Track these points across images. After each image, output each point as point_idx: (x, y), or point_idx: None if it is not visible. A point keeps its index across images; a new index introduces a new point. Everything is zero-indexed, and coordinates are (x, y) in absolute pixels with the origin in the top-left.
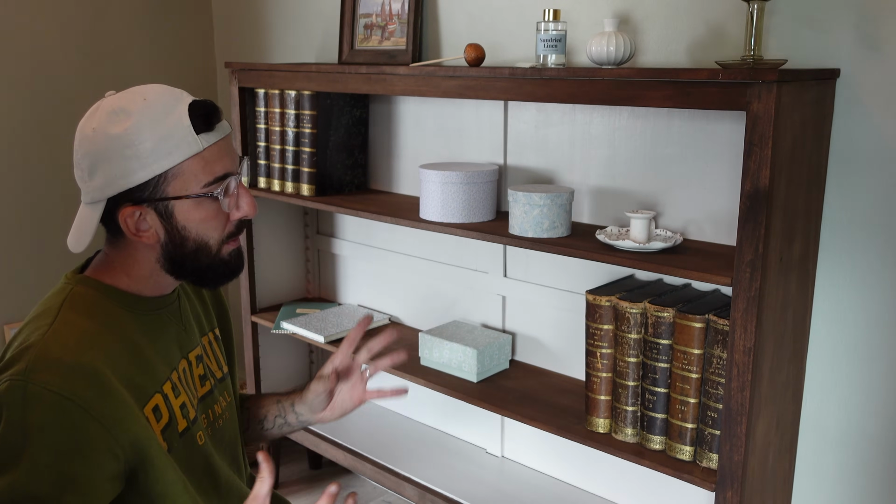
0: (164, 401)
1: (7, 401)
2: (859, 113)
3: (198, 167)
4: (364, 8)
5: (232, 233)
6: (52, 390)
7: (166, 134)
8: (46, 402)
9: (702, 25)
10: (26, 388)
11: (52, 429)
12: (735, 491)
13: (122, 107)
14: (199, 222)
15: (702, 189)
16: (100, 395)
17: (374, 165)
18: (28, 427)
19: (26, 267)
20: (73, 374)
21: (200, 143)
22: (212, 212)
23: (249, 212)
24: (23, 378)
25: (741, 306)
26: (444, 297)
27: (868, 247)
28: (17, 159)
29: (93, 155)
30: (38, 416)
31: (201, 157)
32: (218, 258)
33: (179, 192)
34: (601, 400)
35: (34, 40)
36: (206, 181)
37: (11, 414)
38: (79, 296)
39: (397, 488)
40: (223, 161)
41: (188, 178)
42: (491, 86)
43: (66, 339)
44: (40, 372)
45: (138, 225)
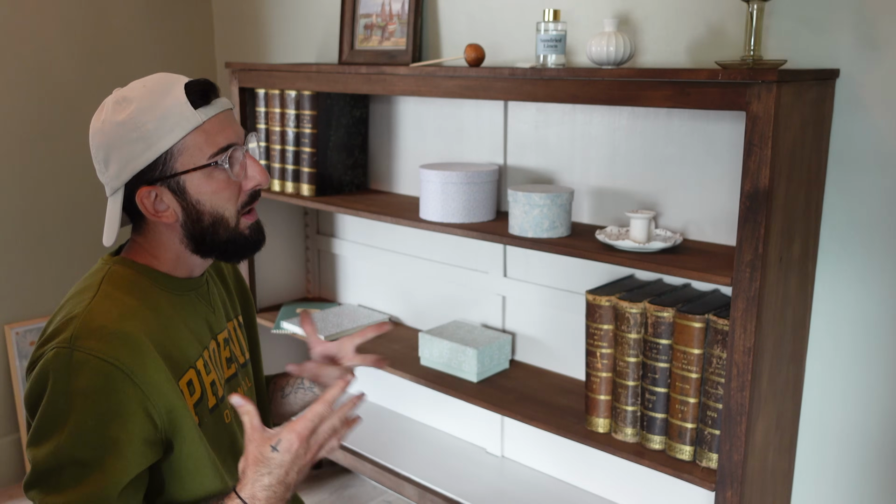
0: (198, 376)
1: (54, 367)
2: (859, 113)
3: (201, 140)
4: (364, 8)
5: (245, 202)
6: (96, 356)
7: (166, 112)
8: (91, 367)
9: (702, 25)
10: (72, 355)
11: (95, 394)
12: (735, 491)
13: (125, 96)
14: (212, 194)
15: (702, 189)
16: (141, 363)
17: (374, 165)
18: (73, 393)
19: (26, 267)
20: (116, 341)
21: (199, 117)
22: (222, 182)
23: (262, 180)
24: (69, 346)
25: (741, 306)
26: (444, 297)
27: (868, 247)
28: (17, 159)
29: (105, 146)
30: (83, 381)
31: (203, 131)
32: (237, 232)
33: (187, 165)
34: (601, 400)
35: (35, 40)
36: (210, 152)
37: (57, 380)
38: (117, 274)
39: (397, 488)
40: (226, 132)
41: (193, 152)
42: (491, 86)
43: (109, 309)
44: (85, 339)
45: (156, 206)
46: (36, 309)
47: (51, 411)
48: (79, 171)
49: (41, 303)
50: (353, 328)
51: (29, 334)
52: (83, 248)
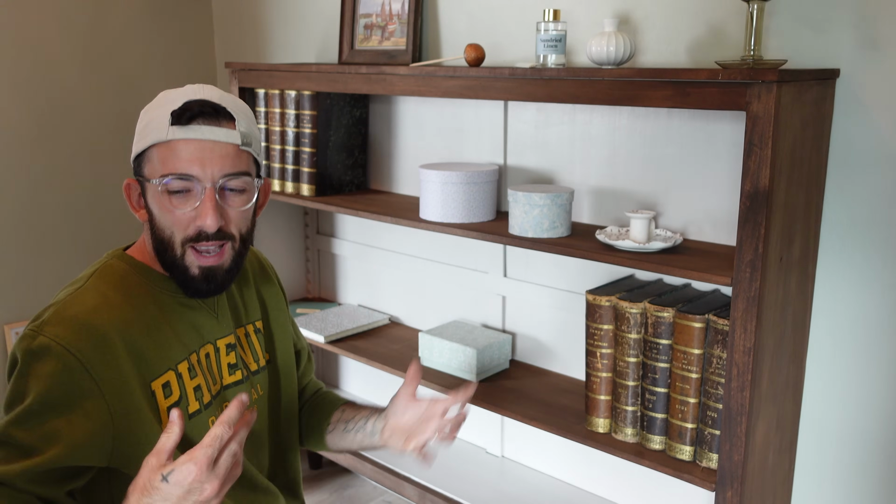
0: (178, 379)
1: (20, 347)
2: (859, 113)
3: (161, 156)
4: (364, 8)
5: (190, 237)
6: (58, 343)
7: (152, 118)
8: (52, 352)
9: (702, 25)
10: (35, 338)
11: (50, 378)
12: (735, 491)
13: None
14: (159, 211)
15: (702, 189)
16: (103, 358)
17: (374, 165)
18: (31, 375)
19: (26, 267)
20: (82, 332)
21: (166, 134)
22: (166, 206)
23: (205, 224)
24: (37, 329)
25: (741, 306)
26: (444, 297)
27: (868, 247)
28: (17, 159)
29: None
30: (42, 366)
31: (168, 148)
32: (182, 263)
33: (146, 175)
34: (601, 400)
35: (35, 40)
36: (161, 172)
37: (22, 362)
38: (110, 268)
39: (397, 488)
40: (191, 162)
41: (154, 165)
42: (491, 86)
43: (86, 301)
44: (53, 325)
45: (131, 197)
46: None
47: (13, 391)
48: (79, 171)
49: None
50: (353, 328)
51: None
52: (83, 248)
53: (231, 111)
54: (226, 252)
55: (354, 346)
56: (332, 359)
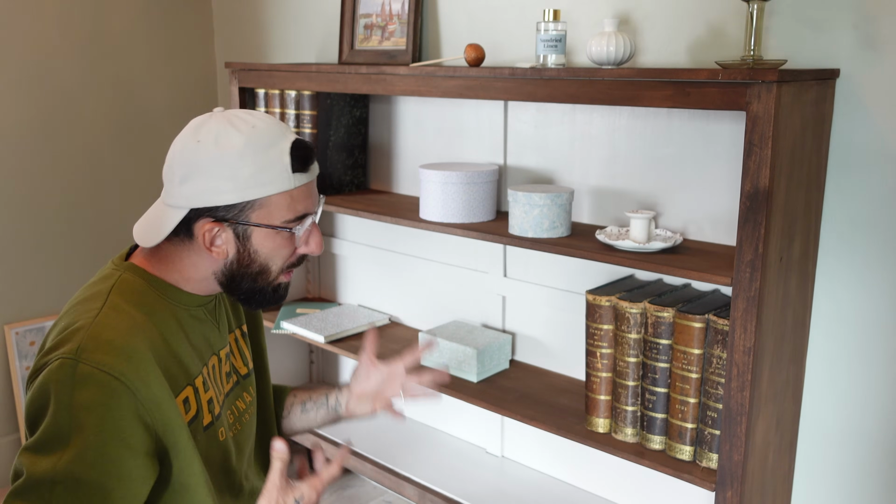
0: (195, 394)
1: (57, 377)
2: (859, 113)
3: (284, 203)
4: (364, 8)
5: (293, 264)
6: (102, 370)
7: (265, 165)
8: (96, 381)
9: (702, 25)
10: (76, 367)
11: (99, 408)
12: (735, 491)
13: (232, 129)
14: (271, 250)
15: (702, 189)
16: (145, 379)
17: (374, 165)
18: (75, 406)
19: (26, 267)
20: (122, 356)
21: (293, 182)
22: (284, 243)
23: (316, 251)
24: (74, 357)
25: (741, 306)
26: (444, 297)
27: (868, 247)
28: (17, 159)
29: (191, 164)
30: (86, 394)
31: (290, 195)
32: (272, 285)
33: (262, 220)
34: (601, 400)
35: (35, 40)
36: (288, 217)
37: (61, 392)
38: (127, 283)
39: (397, 488)
40: (307, 201)
41: (273, 211)
42: (491, 86)
43: (117, 322)
44: (92, 352)
45: (213, 240)
46: (36, 309)
47: (54, 426)
48: (79, 172)
49: (41, 303)
50: (353, 328)
51: (29, 334)
52: (83, 248)
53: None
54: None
55: (354, 346)
56: (332, 359)
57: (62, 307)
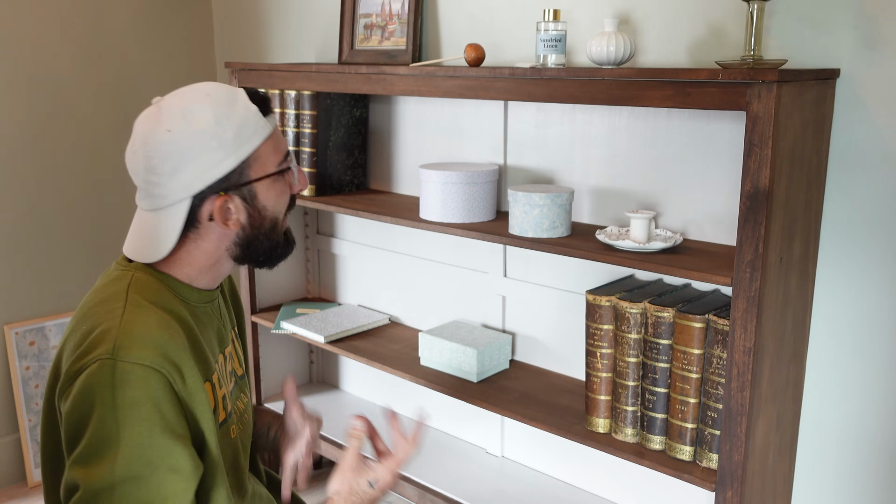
0: (212, 389)
1: (98, 379)
2: (859, 113)
3: (271, 147)
4: (364, 8)
5: (288, 206)
6: (141, 364)
7: (243, 121)
8: (137, 376)
9: (702, 25)
10: (115, 366)
11: (144, 404)
12: (735, 491)
13: (190, 106)
14: (276, 199)
15: (702, 189)
16: (180, 371)
17: (374, 165)
18: (120, 405)
19: (26, 267)
20: (158, 349)
21: (269, 125)
22: (283, 187)
23: (305, 183)
24: (111, 356)
25: (741, 306)
26: (444, 297)
27: (868, 247)
28: (17, 159)
29: (175, 155)
30: (129, 392)
31: (272, 138)
32: (282, 235)
33: (260, 173)
34: (601, 400)
35: (35, 41)
36: (278, 160)
37: (103, 394)
38: (141, 282)
39: (397, 488)
40: (283, 139)
41: (266, 160)
42: (491, 86)
43: (145, 318)
44: (128, 349)
45: (226, 213)
46: (36, 309)
47: (101, 429)
48: (79, 172)
49: (41, 303)
50: (353, 328)
51: (29, 334)
52: (83, 248)
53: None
54: None
55: (354, 346)
56: (332, 359)
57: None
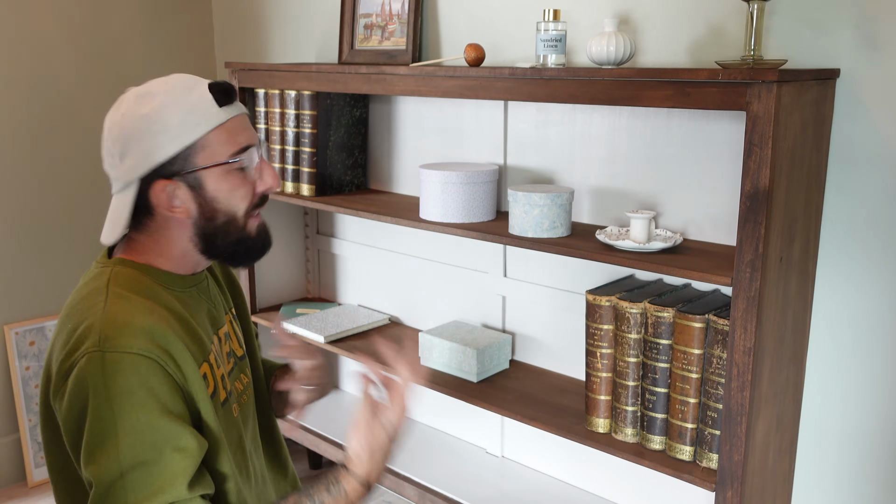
0: (211, 370)
1: (90, 372)
2: (859, 113)
3: (223, 137)
4: (364, 8)
5: (256, 204)
6: (130, 352)
7: (191, 108)
8: (127, 364)
9: (702, 25)
10: (104, 358)
11: (138, 389)
12: (735, 491)
13: (147, 91)
14: (228, 192)
15: (702, 189)
16: (171, 354)
17: (374, 165)
18: (114, 395)
19: (26, 267)
20: (145, 335)
21: (223, 115)
22: (239, 181)
23: (274, 184)
24: (99, 349)
25: (741, 306)
26: (444, 297)
27: (868, 247)
28: (17, 159)
29: (123, 138)
30: (122, 380)
31: (225, 129)
32: (245, 233)
33: (208, 162)
34: (601, 400)
35: (34, 40)
36: (232, 150)
37: (96, 387)
38: (121, 275)
39: (397, 488)
40: (245, 133)
41: (215, 149)
42: (491, 86)
43: (128, 307)
44: (114, 339)
45: (171, 200)
46: (35, 309)
47: (98, 421)
48: (79, 171)
49: (41, 303)
50: (353, 328)
51: (28, 334)
52: (83, 248)
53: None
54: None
55: (354, 346)
56: (332, 359)
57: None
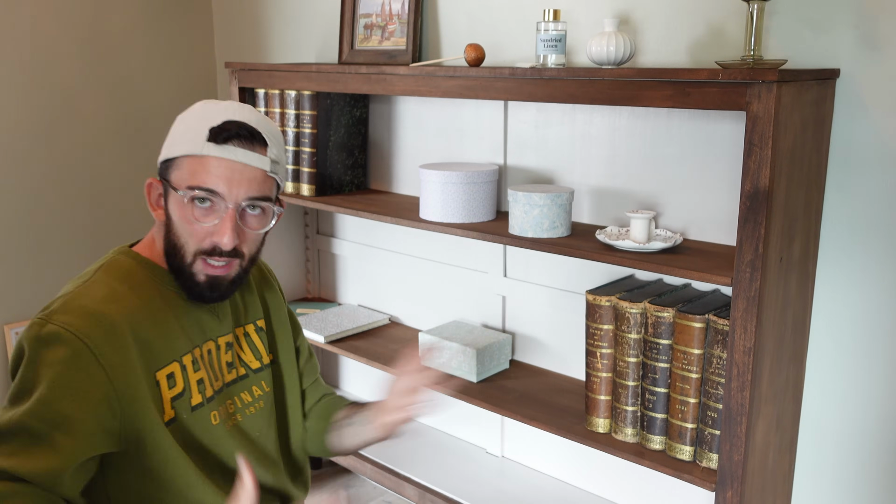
0: (182, 371)
1: (28, 336)
2: (859, 113)
3: (191, 168)
4: (364, 8)
5: (205, 250)
6: (68, 330)
7: (189, 127)
8: (61, 339)
9: (702, 25)
10: (44, 326)
11: (60, 365)
12: (735, 491)
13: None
14: (179, 219)
15: (702, 189)
16: (112, 346)
17: (374, 165)
18: (41, 363)
19: (26, 267)
20: (91, 321)
21: (202, 149)
22: (186, 216)
23: (221, 241)
24: (45, 318)
25: (741, 306)
26: (444, 297)
27: (868, 247)
28: (16, 159)
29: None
30: (52, 353)
31: (199, 162)
32: (190, 270)
33: (173, 181)
34: (601, 400)
35: (34, 40)
36: (189, 183)
37: (31, 350)
38: (117, 262)
39: (397, 488)
40: (217, 179)
41: (183, 174)
42: (491, 86)
43: (95, 292)
44: (62, 314)
45: (157, 200)
46: (36, 309)
47: (22, 380)
48: (79, 172)
49: (41, 303)
50: (353, 328)
51: None
52: (83, 249)
53: (266, 136)
54: (233, 266)
55: (354, 346)
56: (332, 359)
57: None
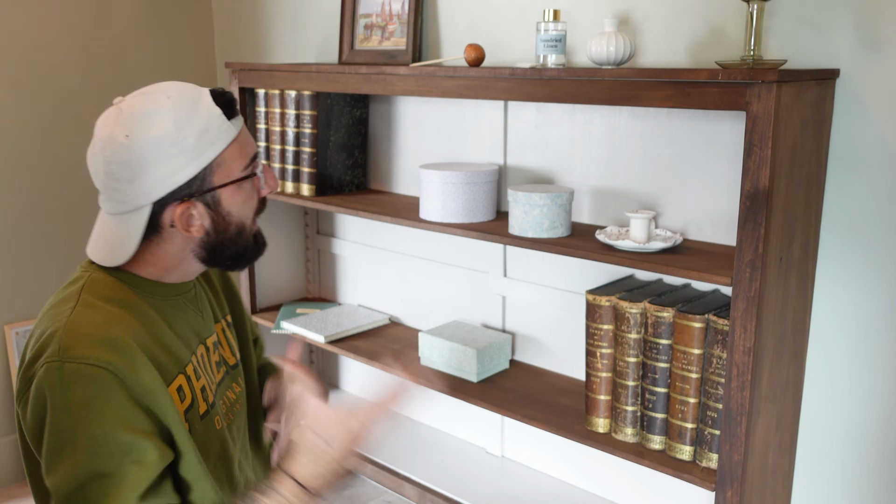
0: (188, 382)
1: (48, 383)
2: (859, 113)
3: (236, 152)
4: (364, 8)
5: (259, 210)
6: (88, 363)
7: (205, 126)
8: (85, 375)
9: (702, 25)
10: (63, 367)
11: (95, 401)
12: (735, 491)
13: (150, 109)
14: (241, 204)
15: (702, 189)
16: (132, 366)
17: (374, 165)
18: (72, 406)
19: (26, 267)
20: (105, 346)
21: (234, 129)
22: (249, 192)
23: (274, 185)
24: (58, 358)
25: (741, 306)
26: (444, 297)
27: (868, 247)
28: (17, 160)
29: (134, 162)
30: (80, 391)
31: (237, 142)
32: (251, 239)
33: (224, 179)
34: (601, 400)
35: (34, 40)
36: (244, 164)
37: (54, 396)
38: (97, 282)
39: (397, 488)
40: (251, 142)
41: (230, 165)
42: (491, 86)
43: (93, 317)
44: (74, 349)
45: (189, 221)
46: (36, 309)
47: (57, 432)
48: (79, 172)
49: (41, 303)
50: (353, 328)
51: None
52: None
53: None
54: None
55: (354, 346)
56: (332, 359)
57: None
